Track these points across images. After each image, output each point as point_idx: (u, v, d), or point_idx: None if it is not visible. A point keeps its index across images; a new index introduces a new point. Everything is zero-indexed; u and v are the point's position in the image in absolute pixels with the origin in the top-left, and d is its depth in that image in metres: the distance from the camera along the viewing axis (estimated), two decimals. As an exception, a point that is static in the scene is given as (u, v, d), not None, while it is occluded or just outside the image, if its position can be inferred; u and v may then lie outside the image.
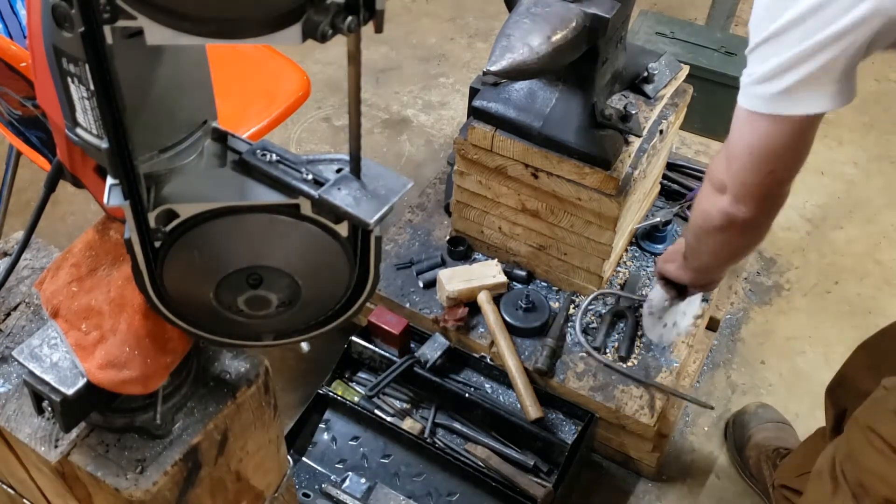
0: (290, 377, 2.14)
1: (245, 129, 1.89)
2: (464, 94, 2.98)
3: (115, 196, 0.73)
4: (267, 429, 1.08)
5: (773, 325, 2.33)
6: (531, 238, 2.00)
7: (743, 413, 2.05)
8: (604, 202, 1.80)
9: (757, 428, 1.99)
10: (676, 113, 1.98)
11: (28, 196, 2.55)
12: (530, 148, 1.80)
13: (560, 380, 1.89)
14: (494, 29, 3.27)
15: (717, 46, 2.74)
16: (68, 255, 0.94)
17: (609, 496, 1.95)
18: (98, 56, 0.64)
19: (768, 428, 1.99)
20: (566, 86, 1.77)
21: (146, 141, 0.76)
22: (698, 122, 2.79)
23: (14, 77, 1.54)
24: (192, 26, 0.61)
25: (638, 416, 1.83)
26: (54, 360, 0.89)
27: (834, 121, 2.99)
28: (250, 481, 1.10)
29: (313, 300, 0.84)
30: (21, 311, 1.08)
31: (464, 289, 1.96)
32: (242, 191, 0.76)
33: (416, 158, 2.79)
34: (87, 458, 0.93)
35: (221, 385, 1.00)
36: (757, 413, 2.03)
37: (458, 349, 1.98)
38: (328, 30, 0.61)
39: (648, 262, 2.15)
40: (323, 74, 3.06)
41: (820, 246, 2.56)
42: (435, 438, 1.91)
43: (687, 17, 3.37)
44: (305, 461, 1.88)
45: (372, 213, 0.72)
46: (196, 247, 0.78)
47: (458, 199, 2.05)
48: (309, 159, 0.77)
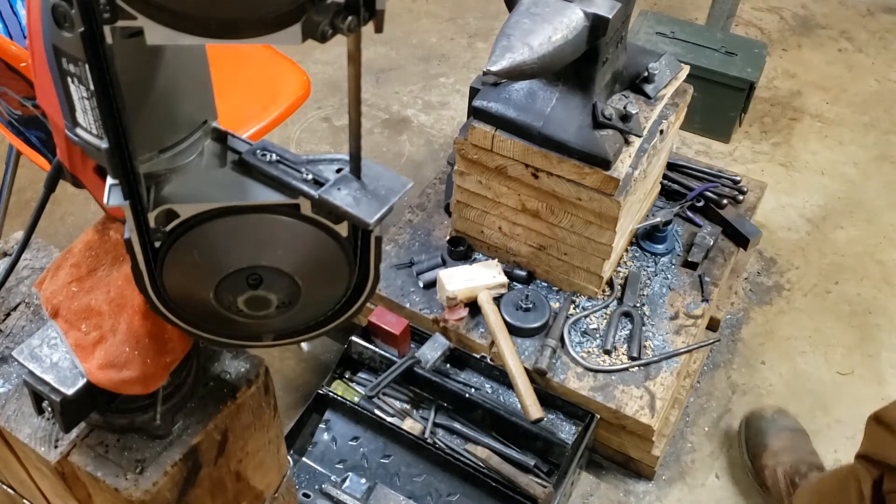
0: (290, 377, 2.14)
1: (245, 129, 1.88)
2: (464, 94, 2.98)
3: (115, 196, 0.73)
4: (267, 429, 1.08)
5: (773, 325, 2.33)
6: (531, 238, 2.00)
7: (760, 418, 2.01)
8: (604, 202, 1.80)
9: (774, 436, 1.95)
10: (677, 113, 1.97)
11: (28, 196, 2.55)
12: (530, 148, 1.80)
13: (560, 380, 1.89)
14: (494, 29, 3.27)
15: (718, 46, 2.74)
16: (68, 255, 0.94)
17: (609, 496, 1.95)
18: (98, 56, 0.64)
19: (785, 437, 1.95)
20: (566, 86, 1.77)
21: (146, 141, 0.75)
22: (698, 122, 2.79)
23: (14, 77, 1.54)
24: (192, 26, 0.60)
25: (638, 416, 1.83)
26: (54, 361, 0.89)
27: (834, 121, 2.99)
28: (250, 481, 1.10)
29: (313, 300, 0.84)
30: (21, 311, 1.08)
31: (464, 289, 1.96)
32: (242, 191, 0.76)
33: (416, 158, 2.79)
34: (87, 459, 0.93)
35: (221, 385, 1.00)
36: (774, 420, 1.99)
37: (458, 349, 1.98)
38: (328, 30, 0.61)
39: (648, 262, 2.15)
40: (323, 74, 3.06)
41: (820, 246, 2.56)
42: (435, 439, 1.91)
43: (687, 17, 3.37)
44: (305, 461, 1.88)
45: (372, 213, 0.72)
46: (196, 247, 0.78)
47: (458, 199, 2.05)
48: (309, 159, 0.77)
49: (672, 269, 2.14)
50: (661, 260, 2.16)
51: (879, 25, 3.48)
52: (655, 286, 2.10)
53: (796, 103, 3.06)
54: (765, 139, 2.89)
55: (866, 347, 2.29)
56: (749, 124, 2.93)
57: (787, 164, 2.80)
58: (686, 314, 2.04)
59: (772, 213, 2.62)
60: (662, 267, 2.14)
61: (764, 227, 2.52)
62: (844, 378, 2.22)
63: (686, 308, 2.05)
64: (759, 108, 2.99)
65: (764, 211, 2.59)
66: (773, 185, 2.67)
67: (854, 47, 3.35)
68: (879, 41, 3.40)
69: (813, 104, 3.06)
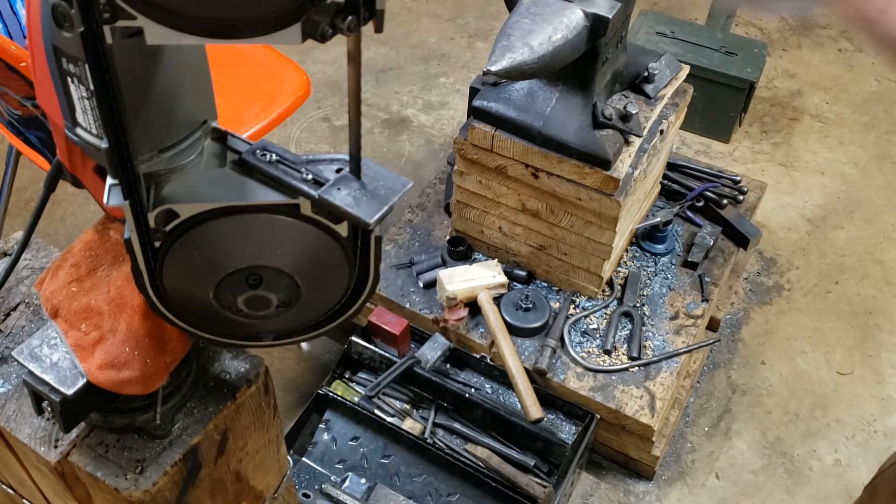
0: (290, 377, 2.14)
1: (245, 129, 1.88)
2: (464, 94, 2.98)
3: (114, 196, 0.73)
4: (267, 429, 1.08)
5: (773, 325, 2.33)
6: (531, 238, 2.00)
7: None
8: (604, 202, 1.80)
9: None
10: (677, 113, 1.97)
11: (28, 196, 2.55)
12: (530, 148, 1.80)
13: (560, 380, 1.89)
14: (494, 29, 3.27)
15: (718, 46, 2.74)
16: (68, 255, 0.94)
17: (609, 496, 1.95)
18: (98, 56, 0.64)
19: None
20: (566, 86, 1.77)
21: (146, 141, 0.75)
22: (698, 122, 2.79)
23: (14, 77, 1.54)
24: (191, 26, 0.60)
25: (638, 416, 1.83)
26: (54, 361, 0.89)
27: (834, 121, 2.99)
28: (250, 481, 1.10)
29: (313, 300, 0.84)
30: (21, 311, 1.07)
31: (464, 289, 1.96)
32: (242, 191, 0.76)
33: (416, 158, 2.79)
34: (87, 459, 0.93)
35: (221, 385, 0.99)
36: None
37: (458, 349, 1.98)
38: (328, 30, 0.61)
39: (648, 262, 2.15)
40: (323, 74, 3.06)
41: (820, 246, 2.56)
42: (435, 439, 1.91)
43: (687, 17, 3.37)
44: (305, 461, 1.88)
45: (372, 213, 0.72)
46: (196, 247, 0.78)
47: (458, 199, 2.04)
48: (309, 159, 0.77)
49: (672, 269, 2.14)
50: (661, 260, 2.16)
51: (879, 25, 3.48)
52: (655, 286, 2.10)
53: (796, 103, 3.06)
54: (765, 139, 2.89)
55: (866, 347, 2.29)
56: (749, 124, 2.93)
57: (787, 164, 2.80)
58: (686, 314, 2.04)
59: (772, 213, 2.62)
60: (662, 267, 2.14)
61: (764, 227, 2.52)
62: (844, 378, 2.22)
63: (686, 308, 2.05)
64: (759, 108, 2.99)
65: (764, 211, 2.59)
66: (773, 185, 2.67)
67: (854, 47, 3.35)
68: (879, 41, 3.39)
69: (813, 104, 3.07)
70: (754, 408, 2.14)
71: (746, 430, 2.10)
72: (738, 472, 2.02)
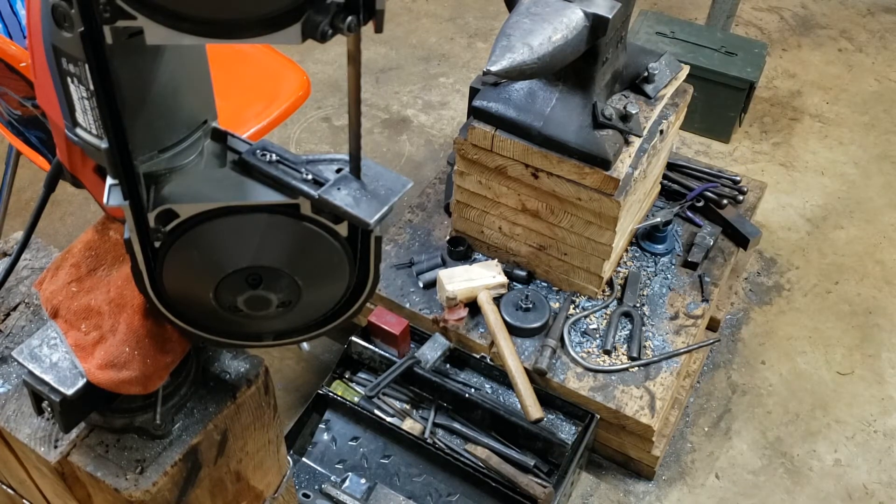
0: (290, 377, 2.14)
1: (245, 129, 1.88)
2: (464, 94, 2.98)
3: (114, 196, 0.73)
4: (266, 429, 1.08)
5: (773, 326, 2.33)
6: (531, 238, 2.00)
7: None
8: (604, 202, 1.80)
9: None
10: (677, 113, 1.97)
11: (28, 196, 2.55)
12: (530, 148, 1.80)
13: (560, 380, 1.89)
14: (494, 29, 3.27)
15: (718, 46, 2.74)
16: (68, 255, 0.94)
17: (609, 496, 1.95)
18: (98, 56, 0.64)
19: None
20: (566, 86, 1.77)
21: (146, 141, 0.75)
22: (698, 122, 2.79)
23: (14, 77, 1.54)
24: (191, 26, 0.60)
25: (638, 416, 1.83)
26: (54, 361, 0.89)
27: (834, 121, 2.99)
28: (250, 481, 1.10)
29: (313, 300, 0.84)
30: (21, 311, 1.07)
31: (464, 289, 1.96)
32: (242, 191, 0.76)
33: (416, 158, 2.79)
34: (87, 459, 0.93)
35: (221, 385, 0.99)
36: None
37: (458, 349, 1.98)
38: (328, 30, 0.61)
39: (648, 262, 2.15)
40: (323, 74, 3.06)
41: (820, 246, 2.56)
42: (435, 439, 1.91)
43: (687, 17, 3.37)
44: (305, 461, 1.88)
45: (372, 213, 0.72)
46: (196, 247, 0.78)
47: (458, 199, 2.05)
48: (309, 159, 0.77)
49: (672, 269, 2.14)
50: (661, 260, 2.16)
51: (879, 25, 3.48)
52: (655, 286, 2.10)
53: (796, 103, 3.06)
54: (765, 139, 2.89)
55: (866, 347, 2.29)
56: (749, 124, 2.93)
57: (787, 164, 2.80)
58: (686, 314, 2.04)
59: (772, 213, 2.62)
60: (662, 267, 2.14)
61: (764, 227, 2.52)
62: (844, 378, 2.22)
63: (686, 308, 2.05)
64: (759, 108, 2.99)
65: (764, 211, 2.59)
66: (773, 185, 2.67)
67: (854, 47, 3.35)
68: (879, 41, 3.40)
69: (813, 104, 3.07)
70: (754, 408, 2.14)
71: (746, 430, 2.10)
72: (738, 472, 2.02)
